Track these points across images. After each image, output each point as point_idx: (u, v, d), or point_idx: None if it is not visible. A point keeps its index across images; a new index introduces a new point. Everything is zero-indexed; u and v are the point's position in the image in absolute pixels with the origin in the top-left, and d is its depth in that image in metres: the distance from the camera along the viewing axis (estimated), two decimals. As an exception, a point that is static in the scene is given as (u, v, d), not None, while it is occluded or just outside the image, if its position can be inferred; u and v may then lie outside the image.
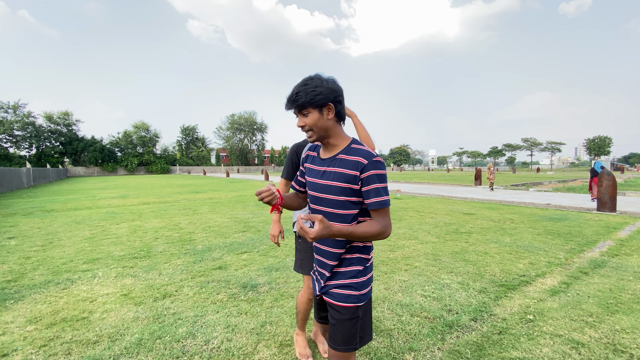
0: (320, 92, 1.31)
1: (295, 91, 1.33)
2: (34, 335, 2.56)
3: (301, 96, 1.31)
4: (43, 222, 7.75)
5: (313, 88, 1.30)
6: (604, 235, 5.84)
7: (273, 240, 2.28)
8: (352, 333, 1.37)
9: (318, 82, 1.32)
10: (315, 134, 1.36)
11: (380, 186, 1.30)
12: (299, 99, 1.31)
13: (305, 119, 1.34)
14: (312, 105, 1.32)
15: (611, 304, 3.03)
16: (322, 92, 1.31)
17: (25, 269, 4.20)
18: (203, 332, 2.59)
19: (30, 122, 48.24)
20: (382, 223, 1.30)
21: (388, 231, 1.31)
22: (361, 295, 1.38)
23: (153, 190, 18.10)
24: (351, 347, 1.37)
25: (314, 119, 1.33)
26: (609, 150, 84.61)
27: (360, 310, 1.38)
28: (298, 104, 1.32)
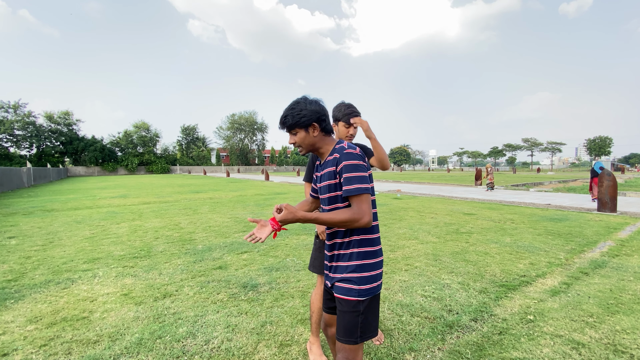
0: (304, 115, 1.49)
1: (284, 114, 1.52)
2: (34, 335, 2.56)
3: (289, 119, 1.51)
4: (43, 221, 7.75)
5: (298, 112, 1.49)
6: (605, 235, 5.84)
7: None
8: (352, 326, 1.41)
9: (303, 105, 1.51)
10: (304, 149, 1.55)
11: (350, 175, 1.39)
12: (287, 122, 1.51)
13: (294, 137, 1.54)
14: (299, 126, 1.51)
15: (612, 305, 3.03)
16: (306, 114, 1.49)
17: (26, 268, 4.21)
18: (203, 331, 2.59)
19: (31, 121, 48.27)
20: (352, 210, 1.37)
21: (362, 219, 1.36)
22: (362, 290, 1.41)
23: (153, 190, 18.10)
24: (351, 340, 1.41)
25: (302, 137, 1.52)
26: (609, 151, 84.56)
27: (362, 305, 1.42)
28: (287, 126, 1.53)
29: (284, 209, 1.38)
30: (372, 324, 1.46)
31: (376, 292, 1.46)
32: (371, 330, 1.46)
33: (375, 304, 1.47)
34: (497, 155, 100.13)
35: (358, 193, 1.38)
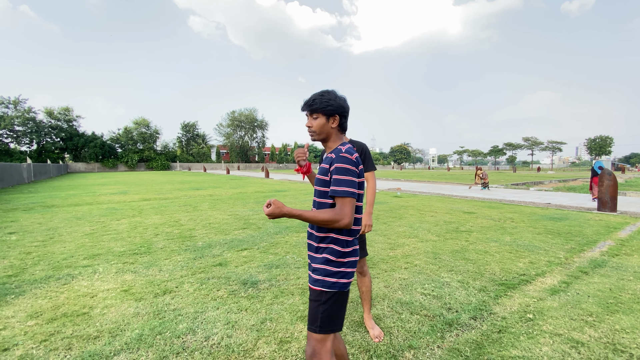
0: (331, 104, 1.58)
1: (313, 98, 1.60)
2: (35, 330, 2.56)
3: (317, 102, 1.58)
4: (44, 217, 7.76)
5: (327, 99, 1.58)
6: (605, 235, 5.84)
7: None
8: (314, 314, 1.50)
9: (332, 95, 1.60)
10: (317, 135, 1.62)
11: (340, 177, 1.48)
12: (315, 104, 1.58)
13: (314, 122, 1.61)
14: (323, 112, 1.59)
15: (611, 304, 3.03)
16: (333, 104, 1.58)
17: (26, 264, 4.21)
18: (203, 328, 2.59)
19: (31, 117, 48.18)
20: (335, 211, 1.45)
21: (342, 220, 1.44)
22: (327, 282, 1.50)
23: (153, 186, 18.10)
24: (312, 328, 1.50)
25: (321, 123, 1.60)
26: (610, 150, 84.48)
27: (324, 296, 1.50)
28: (312, 108, 1.59)
29: (272, 204, 1.43)
30: (334, 318, 1.51)
31: (342, 289, 1.52)
32: (333, 324, 1.51)
33: (340, 300, 1.52)
34: (497, 154, 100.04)
35: (343, 195, 1.46)
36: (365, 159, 2.61)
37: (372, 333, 2.50)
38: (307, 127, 1.64)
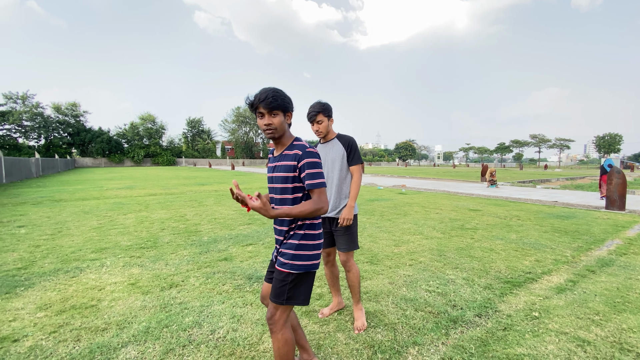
0: (289, 101, 1.68)
1: (270, 94, 1.61)
2: (44, 322, 2.61)
3: (277, 99, 1.61)
4: (52, 211, 7.87)
5: (284, 96, 1.65)
6: (612, 233, 5.77)
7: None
8: (281, 291, 1.68)
9: (284, 93, 1.67)
10: (276, 133, 1.68)
11: (313, 171, 1.63)
12: (274, 101, 1.60)
13: (273, 119, 1.64)
14: (282, 109, 1.64)
15: (618, 303, 3.00)
16: (290, 101, 1.69)
17: (35, 257, 4.28)
18: (209, 321, 2.62)
19: (39, 112, 48.72)
20: (315, 201, 1.62)
21: (324, 207, 1.63)
22: (294, 265, 1.67)
23: (159, 181, 18.24)
24: (276, 301, 1.69)
25: (280, 120, 1.66)
26: (619, 148, 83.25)
27: (291, 277, 1.68)
28: (272, 105, 1.61)
29: (262, 203, 1.48)
30: (300, 294, 1.71)
31: (312, 269, 1.72)
32: (299, 299, 1.71)
33: (307, 278, 1.73)
34: (503, 151, 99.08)
35: (320, 187, 1.64)
36: (351, 152, 2.64)
37: (355, 324, 2.58)
38: (266, 124, 1.64)
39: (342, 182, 2.64)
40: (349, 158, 2.64)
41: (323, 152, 2.71)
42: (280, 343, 1.69)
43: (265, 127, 1.66)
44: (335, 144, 2.66)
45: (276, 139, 1.71)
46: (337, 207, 2.64)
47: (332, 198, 2.65)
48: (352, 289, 2.67)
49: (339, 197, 2.66)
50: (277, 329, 1.71)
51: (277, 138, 1.71)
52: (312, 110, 2.55)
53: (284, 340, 1.70)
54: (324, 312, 2.78)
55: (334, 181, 2.64)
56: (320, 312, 2.79)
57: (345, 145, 2.64)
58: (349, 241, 2.60)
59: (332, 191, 2.64)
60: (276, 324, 1.71)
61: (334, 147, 2.66)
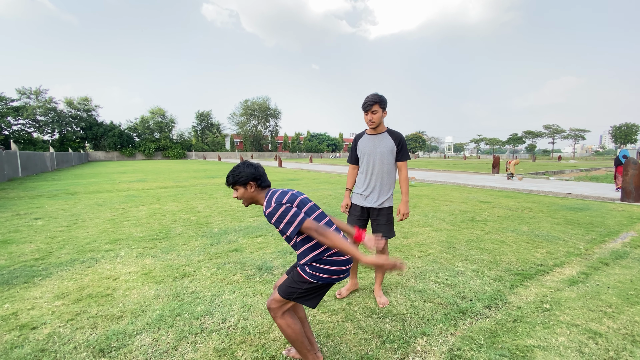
0: (242, 176, 1.83)
1: (228, 175, 1.88)
2: (62, 310, 2.70)
3: (230, 178, 1.86)
4: (67, 204, 8.06)
5: (238, 173, 1.84)
6: (627, 226, 5.65)
7: (342, 210, 2.98)
8: (291, 292, 1.82)
9: (242, 168, 1.84)
10: (245, 201, 1.90)
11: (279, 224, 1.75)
12: (229, 180, 1.86)
13: (236, 193, 1.88)
14: (238, 184, 1.85)
15: (632, 295, 2.95)
16: (243, 175, 1.83)
17: (52, 247, 4.41)
18: (220, 310, 2.67)
19: (52, 107, 49.58)
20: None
21: None
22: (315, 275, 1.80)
23: (170, 174, 18.49)
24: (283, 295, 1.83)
25: (241, 192, 1.87)
26: (636, 139, 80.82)
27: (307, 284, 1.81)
28: (229, 183, 1.87)
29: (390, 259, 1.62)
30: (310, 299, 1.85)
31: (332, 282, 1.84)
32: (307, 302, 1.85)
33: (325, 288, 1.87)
34: (516, 142, 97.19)
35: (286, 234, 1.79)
36: (402, 148, 2.75)
37: (379, 300, 2.81)
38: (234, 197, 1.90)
39: (386, 175, 2.77)
40: (399, 154, 2.75)
41: (371, 143, 2.78)
42: (283, 327, 1.84)
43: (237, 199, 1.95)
44: (385, 137, 2.75)
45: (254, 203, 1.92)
46: (379, 199, 2.79)
47: (376, 189, 2.78)
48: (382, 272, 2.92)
49: (381, 189, 2.79)
50: (276, 315, 1.85)
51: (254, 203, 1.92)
52: (369, 100, 2.61)
53: (286, 324, 1.84)
54: (341, 293, 2.94)
55: (379, 173, 2.75)
56: (337, 292, 2.95)
57: (397, 141, 2.74)
58: (390, 230, 2.81)
59: (376, 183, 2.76)
60: (275, 311, 1.85)
61: (384, 140, 2.74)
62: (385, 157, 2.71)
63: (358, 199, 2.84)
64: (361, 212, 2.85)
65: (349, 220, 2.89)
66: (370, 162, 2.76)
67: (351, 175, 2.99)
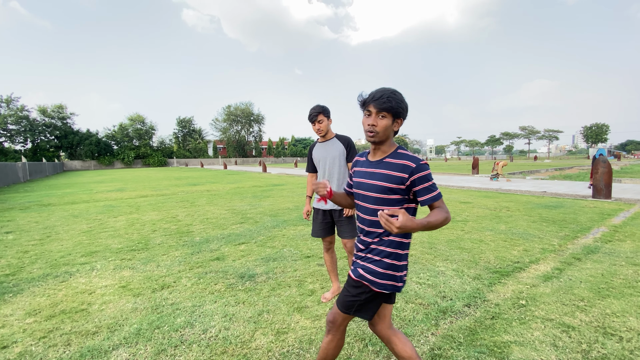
0: (404, 107, 1.51)
1: (386, 95, 1.46)
2: (34, 327, 2.58)
3: (391, 101, 1.46)
4: (40, 216, 7.74)
5: (401, 100, 1.49)
6: (598, 221, 5.90)
7: (304, 217, 3.04)
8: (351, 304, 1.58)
9: (402, 97, 1.51)
10: (378, 137, 1.51)
11: (430, 185, 1.47)
12: (388, 103, 1.45)
13: (379, 120, 1.49)
14: (392, 113, 1.48)
15: (602, 289, 3.08)
16: (405, 107, 1.51)
17: (24, 262, 4.22)
18: (201, 321, 2.62)
19: (24, 115, 47.69)
20: (444, 209, 1.47)
21: (449, 216, 1.46)
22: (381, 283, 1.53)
23: (150, 183, 18.06)
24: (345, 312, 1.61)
25: (387, 124, 1.49)
26: (606, 138, 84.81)
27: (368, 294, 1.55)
28: (384, 107, 1.46)
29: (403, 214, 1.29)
30: (370, 309, 1.58)
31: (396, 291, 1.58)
32: (367, 314, 1.59)
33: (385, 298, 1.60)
34: (494, 143, 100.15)
35: (440, 197, 1.50)
36: (350, 150, 2.92)
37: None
38: (370, 125, 1.50)
39: (342, 178, 2.90)
40: (349, 155, 2.90)
41: (323, 150, 2.95)
42: (332, 344, 1.67)
43: (369, 126, 1.50)
44: (334, 143, 2.91)
45: (376, 143, 1.54)
46: None
47: None
48: None
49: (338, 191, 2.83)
50: (334, 332, 1.66)
51: (378, 143, 1.54)
52: (314, 111, 2.81)
53: (336, 345, 1.67)
54: (326, 297, 2.99)
55: (335, 177, 2.90)
56: (322, 297, 3.00)
57: (345, 144, 2.91)
58: (353, 229, 2.85)
59: (334, 186, 2.88)
60: (337, 329, 1.66)
61: (334, 145, 2.90)
62: (336, 160, 2.88)
63: (320, 204, 2.92)
64: (324, 215, 2.96)
65: (314, 226, 3.02)
66: (326, 167, 2.93)
67: (310, 183, 3.13)
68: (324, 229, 2.95)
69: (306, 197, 3.11)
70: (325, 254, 3.07)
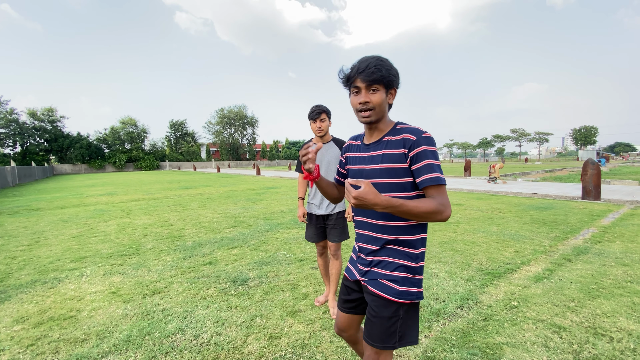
0: (395, 74, 1.26)
1: (373, 64, 1.20)
2: (21, 335, 2.53)
3: (380, 69, 1.20)
4: (29, 221, 7.60)
5: (390, 67, 1.24)
6: (588, 222, 5.99)
7: (300, 219, 2.94)
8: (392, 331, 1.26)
9: (391, 62, 1.26)
10: (374, 114, 1.26)
11: (433, 162, 1.20)
12: (377, 72, 1.20)
13: (372, 96, 1.23)
14: (384, 84, 1.23)
15: (592, 289, 3.12)
16: (396, 73, 1.26)
17: (11, 268, 4.13)
18: (193, 327, 2.59)
19: (14, 119, 46.93)
20: (438, 200, 1.17)
21: (446, 211, 1.16)
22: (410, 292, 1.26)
23: (142, 186, 17.86)
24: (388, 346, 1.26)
25: (381, 98, 1.24)
26: (595, 140, 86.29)
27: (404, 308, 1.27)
28: (374, 77, 1.20)
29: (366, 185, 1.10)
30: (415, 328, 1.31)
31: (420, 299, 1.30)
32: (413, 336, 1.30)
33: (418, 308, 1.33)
34: (486, 146, 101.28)
35: (442, 183, 1.18)
36: None
37: (332, 312, 2.78)
38: (363, 102, 1.24)
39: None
40: None
41: (319, 152, 2.78)
42: None
43: (361, 105, 1.25)
44: (331, 146, 2.84)
45: (373, 122, 1.29)
46: (331, 204, 2.82)
47: None
48: (334, 277, 2.85)
49: None
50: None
51: (374, 122, 1.29)
52: (317, 109, 2.72)
53: None
54: (319, 300, 2.98)
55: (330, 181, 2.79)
56: (316, 300, 2.99)
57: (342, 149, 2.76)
58: (342, 232, 2.81)
59: None
60: None
61: (330, 148, 2.82)
62: (332, 164, 2.79)
63: (313, 209, 2.90)
64: (317, 220, 2.90)
65: (308, 230, 2.95)
66: (321, 171, 2.81)
67: (301, 184, 3.03)
68: (318, 234, 2.91)
69: (299, 200, 3.04)
70: (319, 258, 3.03)
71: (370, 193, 1.10)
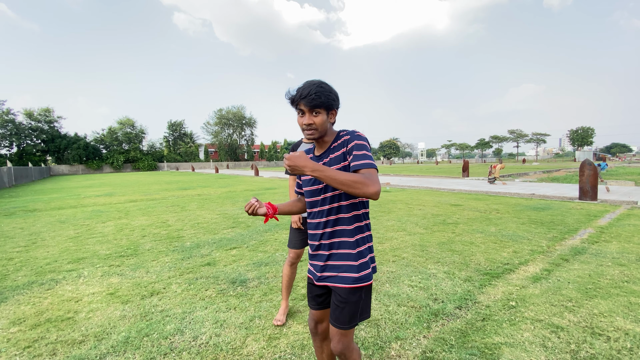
0: (334, 98, 1.45)
1: (314, 90, 1.39)
2: (18, 337, 2.51)
3: (320, 96, 1.39)
4: (26, 222, 7.56)
5: (329, 91, 1.42)
6: (585, 223, 6.02)
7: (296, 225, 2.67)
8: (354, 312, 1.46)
9: (330, 87, 1.45)
10: (318, 133, 1.46)
11: (361, 152, 1.37)
12: (317, 98, 1.38)
13: (315, 118, 1.42)
14: (325, 107, 1.42)
15: (590, 289, 3.14)
16: (335, 97, 1.46)
17: (8, 270, 4.11)
18: (191, 328, 2.58)
19: (10, 119, 46.73)
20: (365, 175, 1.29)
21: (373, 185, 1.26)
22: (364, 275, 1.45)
23: (140, 187, 17.80)
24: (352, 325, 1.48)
25: (323, 120, 1.43)
26: (591, 141, 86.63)
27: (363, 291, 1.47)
28: (315, 103, 1.39)
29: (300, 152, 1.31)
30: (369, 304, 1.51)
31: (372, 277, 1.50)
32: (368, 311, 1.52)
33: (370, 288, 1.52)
34: (484, 147, 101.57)
35: (369, 167, 1.34)
36: None
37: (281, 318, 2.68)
38: (307, 124, 1.43)
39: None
40: None
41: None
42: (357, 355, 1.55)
43: (306, 126, 1.43)
44: None
45: (317, 139, 1.49)
46: None
47: None
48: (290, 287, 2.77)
49: None
50: (350, 353, 1.51)
51: (318, 138, 1.49)
52: None
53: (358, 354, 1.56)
54: (281, 320, 2.66)
55: None
56: (275, 320, 2.65)
57: None
58: None
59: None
60: (352, 351, 1.51)
61: None
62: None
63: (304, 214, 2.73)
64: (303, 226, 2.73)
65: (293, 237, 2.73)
66: None
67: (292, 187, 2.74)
68: (303, 240, 2.68)
69: None
70: (289, 267, 2.73)
71: (302, 157, 1.28)
